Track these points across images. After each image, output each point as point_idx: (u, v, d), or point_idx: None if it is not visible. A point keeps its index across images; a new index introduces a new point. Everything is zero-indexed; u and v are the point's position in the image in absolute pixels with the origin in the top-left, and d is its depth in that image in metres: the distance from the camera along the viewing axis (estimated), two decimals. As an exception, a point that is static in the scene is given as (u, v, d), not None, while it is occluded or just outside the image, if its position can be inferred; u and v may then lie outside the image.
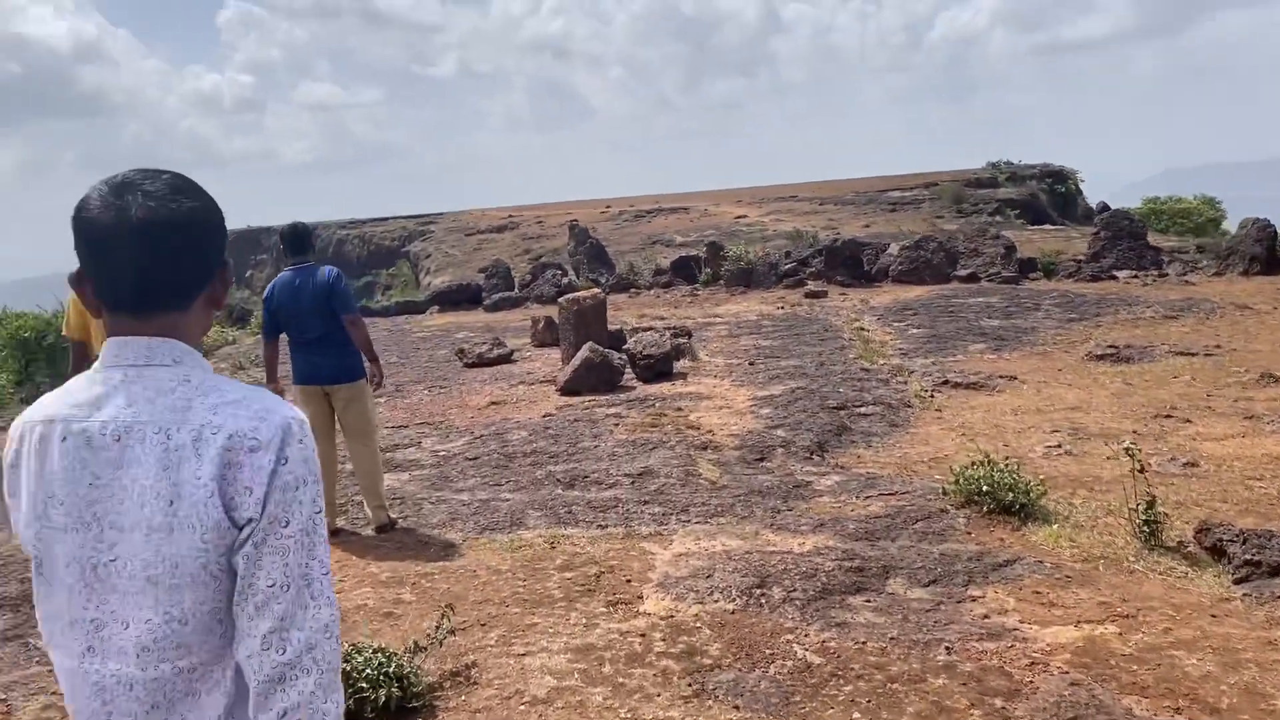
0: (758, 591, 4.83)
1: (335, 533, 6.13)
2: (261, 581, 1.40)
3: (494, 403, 9.94)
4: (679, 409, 8.98)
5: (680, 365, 10.88)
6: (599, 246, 23.66)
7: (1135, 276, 17.50)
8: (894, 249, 21.19)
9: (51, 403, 1.50)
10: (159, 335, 1.47)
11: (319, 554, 1.44)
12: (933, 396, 9.33)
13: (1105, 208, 43.72)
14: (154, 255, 1.43)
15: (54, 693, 4.25)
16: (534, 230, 56.34)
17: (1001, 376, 9.98)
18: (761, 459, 7.29)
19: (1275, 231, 16.61)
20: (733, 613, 4.64)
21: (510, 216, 63.74)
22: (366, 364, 6.19)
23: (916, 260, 18.93)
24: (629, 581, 5.12)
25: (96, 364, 1.49)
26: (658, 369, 10.48)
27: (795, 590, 4.83)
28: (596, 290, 12.87)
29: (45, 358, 11.70)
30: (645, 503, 6.31)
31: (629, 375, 10.50)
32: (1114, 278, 17.59)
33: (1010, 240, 20.33)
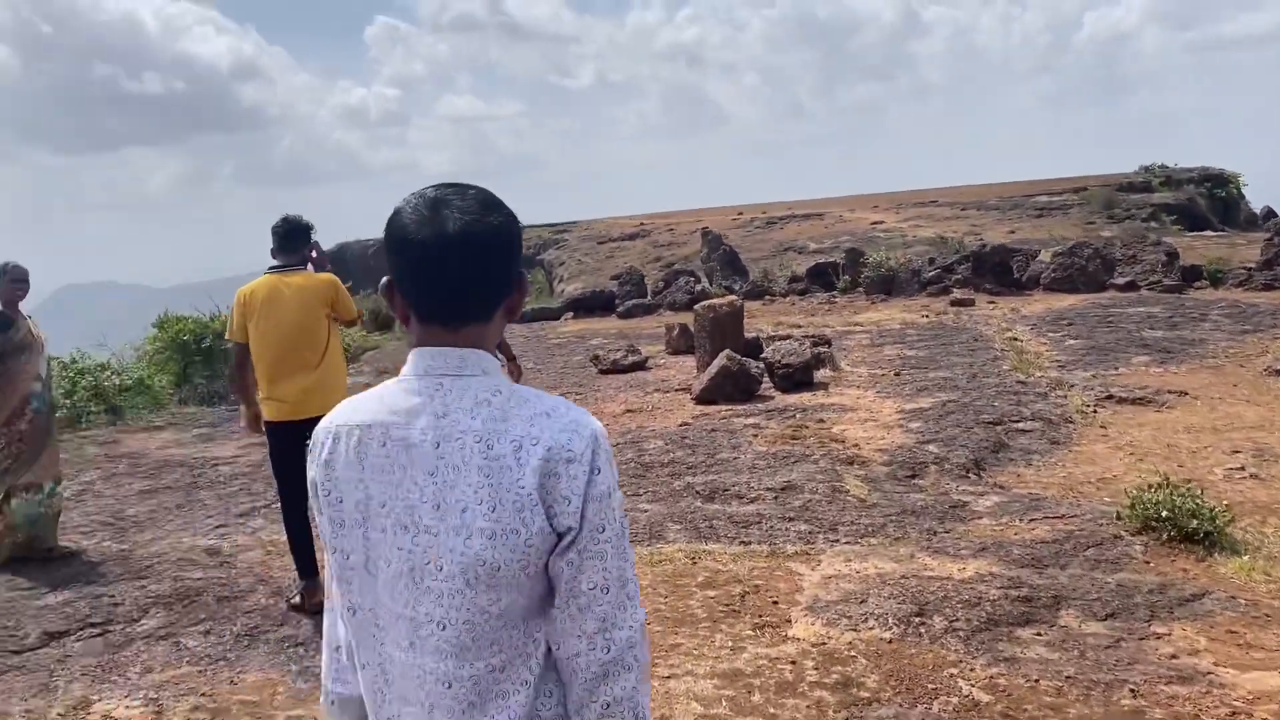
0: (917, 620, 4.51)
1: None
2: (584, 585, 1.49)
3: (629, 410, 9.80)
4: (821, 421, 8.65)
5: (820, 375, 10.52)
6: (732, 253, 23.39)
7: (1314, 286, 16.23)
8: (1045, 256, 20.24)
9: (365, 407, 1.57)
10: (469, 346, 1.53)
11: (629, 557, 1.55)
12: (1095, 412, 8.75)
13: (1271, 213, 40.92)
14: (467, 269, 1.50)
15: (203, 694, 4.26)
16: (665, 238, 56.41)
17: (1170, 392, 9.30)
18: (913, 476, 6.91)
19: None
20: (890, 642, 4.33)
21: (642, 225, 64.03)
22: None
23: (1070, 267, 18.01)
24: (776, 603, 4.86)
25: (407, 370, 1.55)
26: (796, 379, 10.16)
27: (958, 620, 4.48)
28: (733, 297, 12.62)
29: (203, 360, 12.14)
30: (790, 519, 6.03)
31: (766, 384, 10.21)
32: (1290, 287, 16.36)
33: (1171, 247, 19.16)
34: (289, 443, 4.86)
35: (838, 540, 5.67)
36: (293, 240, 5.04)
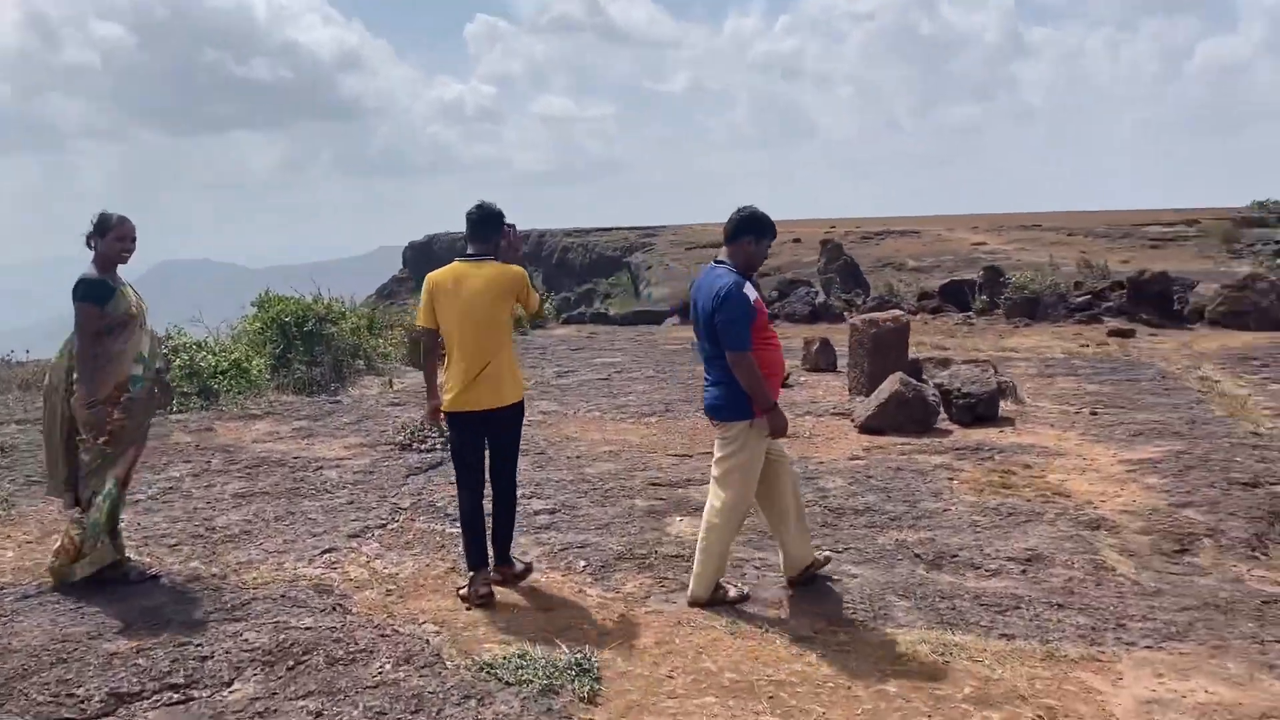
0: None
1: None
2: None
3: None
4: (1027, 466, 7.23)
5: (1003, 408, 9.09)
6: (853, 265, 21.94)
7: None
8: (1203, 288, 18.44)
9: None
10: None
11: None
12: (1362, 478, 7.18)
13: (1387, 261, 38.08)
14: None
15: None
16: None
17: None
18: (1184, 551, 5.48)
19: None
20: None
21: (730, 232, 62.66)
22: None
23: (1241, 301, 16.20)
24: (1087, 738, 3.52)
25: None
26: (978, 411, 8.74)
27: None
28: (898, 312, 11.23)
29: (304, 344, 11.14)
30: (1058, 606, 4.66)
31: (940, 416, 8.82)
32: None
33: (1359, 285, 17.15)
34: (469, 432, 4.93)
35: (1133, 643, 4.29)
36: (484, 228, 4.91)
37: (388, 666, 4.07)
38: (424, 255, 75.44)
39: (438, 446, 7.94)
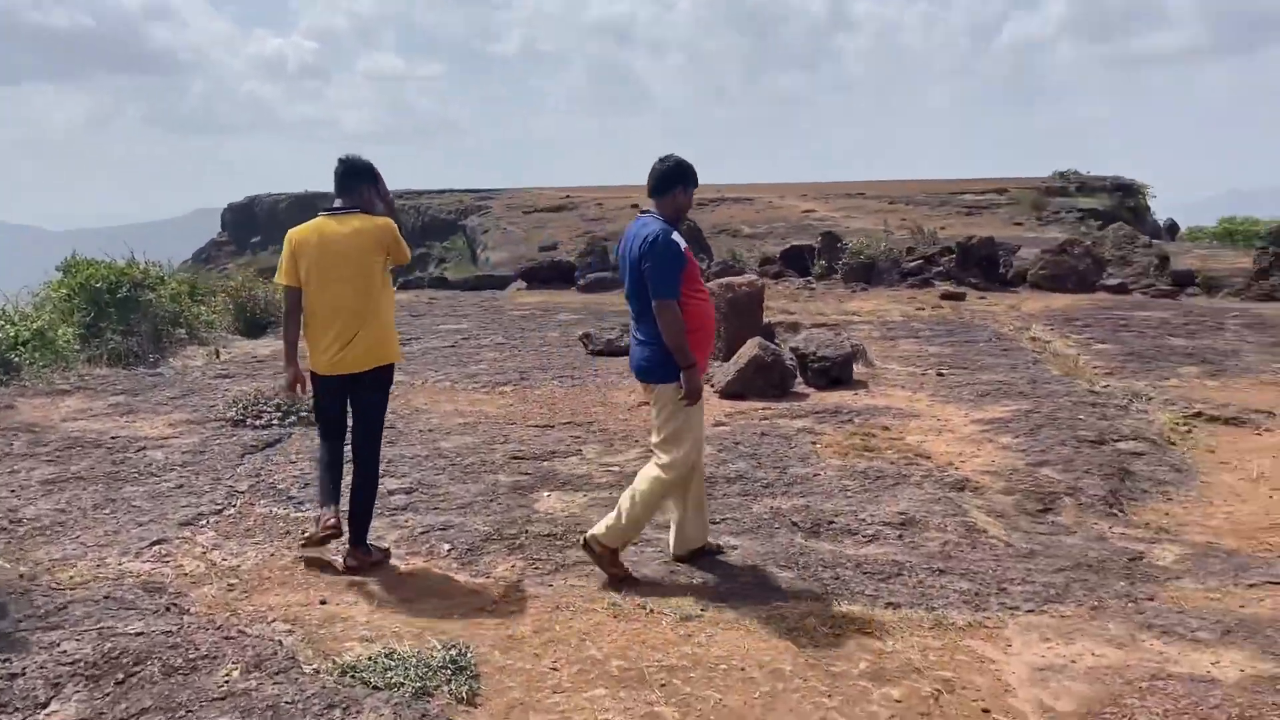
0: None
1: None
2: None
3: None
4: (886, 428, 7.26)
5: (855, 371, 9.15)
6: (696, 230, 21.91)
7: (1313, 299, 15.53)
8: (1025, 252, 19.33)
9: None
10: None
11: None
12: (1190, 432, 7.56)
13: (1174, 225, 41.53)
14: None
15: None
16: (594, 212, 54.82)
17: (1258, 411, 8.16)
18: (1046, 510, 5.57)
19: None
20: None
21: (568, 196, 62.29)
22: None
23: (1060, 265, 17.02)
24: (986, 712, 3.44)
25: None
26: (833, 375, 8.77)
27: (1286, 759, 3.12)
28: (753, 277, 11.18)
29: (117, 312, 10.18)
30: (939, 571, 4.61)
31: (797, 380, 8.81)
32: (1289, 298, 15.63)
33: (1162, 250, 18.38)
34: (330, 396, 4.75)
35: (1016, 608, 4.27)
36: (351, 180, 4.70)
37: (235, 674, 3.61)
38: (245, 218, 71.68)
39: (275, 422, 7.35)
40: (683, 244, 4.42)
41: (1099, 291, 16.50)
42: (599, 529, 4.53)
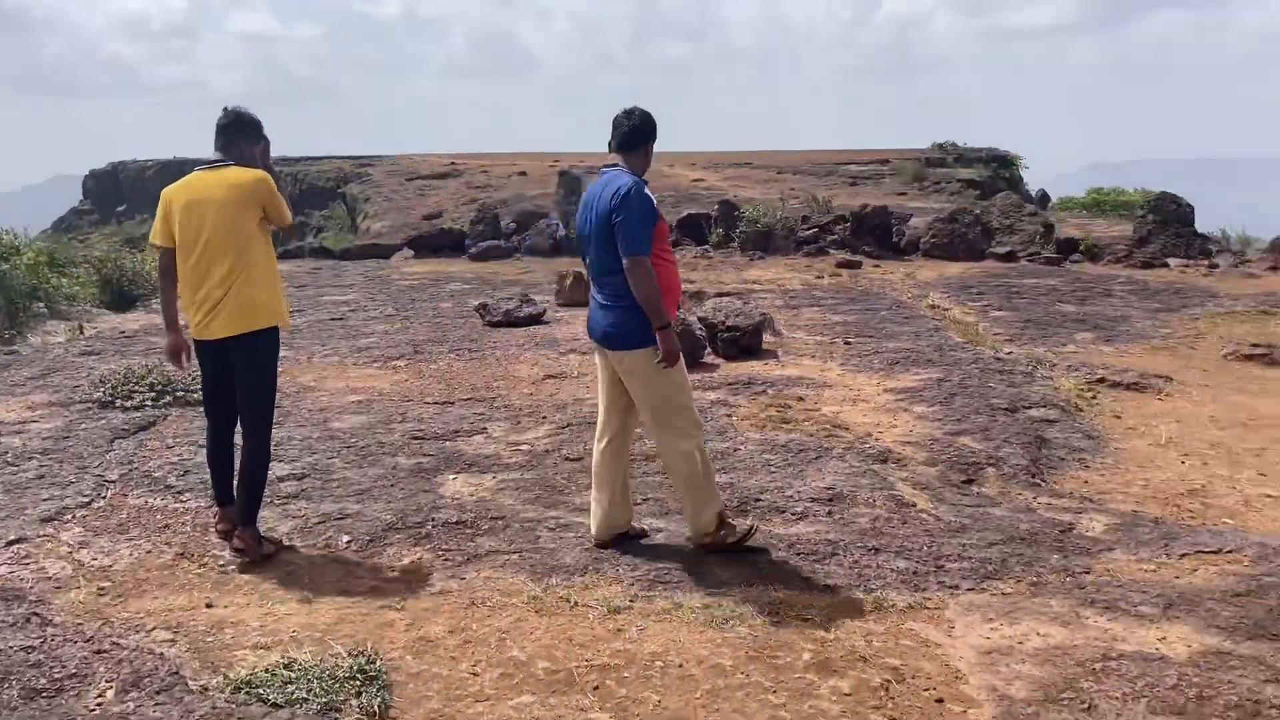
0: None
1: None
2: None
3: (550, 376, 7.94)
4: (800, 399, 7.09)
5: (764, 341, 8.97)
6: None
7: (1188, 265, 16.07)
8: (916, 221, 19.53)
9: None
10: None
11: None
12: (1095, 399, 7.61)
13: (1045, 196, 43.13)
14: None
15: None
16: (480, 179, 53.75)
17: (1156, 376, 8.29)
18: (970, 481, 5.46)
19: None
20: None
21: (453, 164, 60.86)
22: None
23: (951, 234, 17.23)
24: (941, 702, 3.25)
25: None
26: (743, 344, 8.57)
27: (1250, 741, 3.00)
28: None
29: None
30: (873, 550, 4.42)
31: (706, 350, 8.58)
32: (1166, 265, 16.14)
33: (1047, 218, 18.79)
34: (209, 363, 4.41)
35: (956, 587, 4.10)
36: (231, 133, 4.36)
37: (110, 695, 3.17)
38: (108, 185, 67.93)
39: (148, 403, 6.76)
40: (654, 199, 4.13)
41: (988, 259, 16.76)
42: (690, 531, 4.39)
